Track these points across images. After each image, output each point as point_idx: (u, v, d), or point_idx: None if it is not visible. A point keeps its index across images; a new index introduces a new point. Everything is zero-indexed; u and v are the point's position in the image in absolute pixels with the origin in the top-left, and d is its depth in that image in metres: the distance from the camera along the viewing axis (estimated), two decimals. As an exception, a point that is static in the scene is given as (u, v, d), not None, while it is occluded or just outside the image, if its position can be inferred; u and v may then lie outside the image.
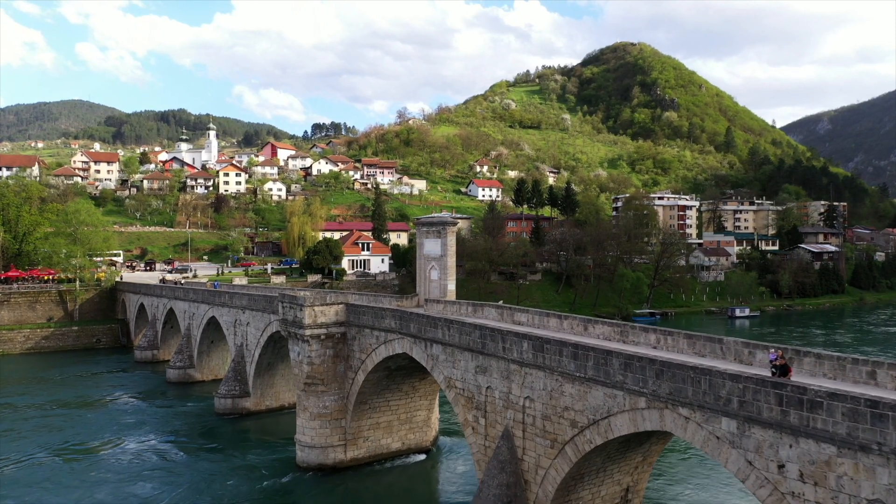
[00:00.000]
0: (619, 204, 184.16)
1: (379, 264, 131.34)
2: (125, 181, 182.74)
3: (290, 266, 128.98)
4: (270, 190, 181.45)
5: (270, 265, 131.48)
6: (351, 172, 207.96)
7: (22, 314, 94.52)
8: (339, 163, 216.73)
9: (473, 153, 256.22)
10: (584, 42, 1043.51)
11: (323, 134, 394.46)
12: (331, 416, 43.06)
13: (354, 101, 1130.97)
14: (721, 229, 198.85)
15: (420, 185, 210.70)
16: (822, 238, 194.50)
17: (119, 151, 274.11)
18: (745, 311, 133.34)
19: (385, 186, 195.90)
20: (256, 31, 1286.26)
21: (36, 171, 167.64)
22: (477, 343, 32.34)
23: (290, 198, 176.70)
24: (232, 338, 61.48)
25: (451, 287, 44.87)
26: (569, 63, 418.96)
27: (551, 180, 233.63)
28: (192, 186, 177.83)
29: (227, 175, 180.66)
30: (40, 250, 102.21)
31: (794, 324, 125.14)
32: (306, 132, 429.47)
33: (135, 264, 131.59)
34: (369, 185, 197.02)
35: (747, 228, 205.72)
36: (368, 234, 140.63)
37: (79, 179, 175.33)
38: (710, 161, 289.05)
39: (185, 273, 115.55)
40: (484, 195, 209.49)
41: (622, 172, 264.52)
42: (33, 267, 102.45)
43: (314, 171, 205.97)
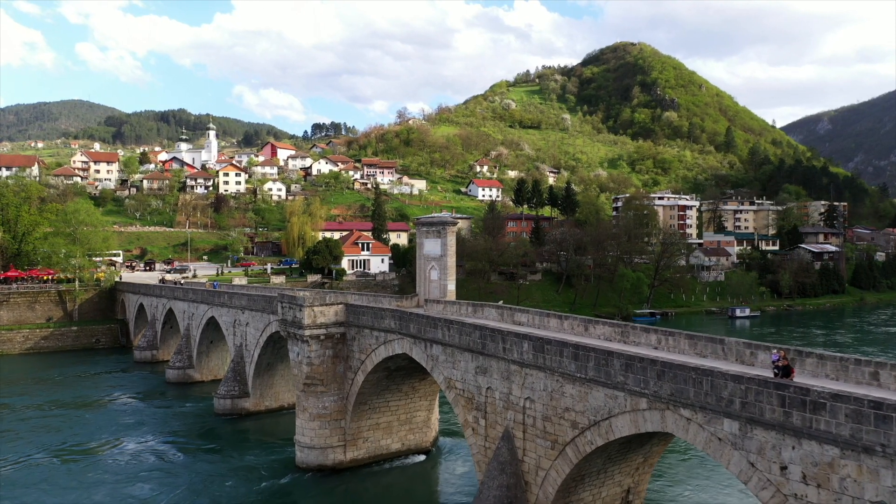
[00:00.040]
0: (620, 204, 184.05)
1: (379, 264, 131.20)
2: (125, 181, 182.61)
3: (290, 266, 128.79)
4: (270, 190, 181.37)
5: (270, 265, 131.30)
6: (351, 172, 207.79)
7: (21, 314, 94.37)
8: (339, 163, 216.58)
9: (473, 153, 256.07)
10: (584, 42, 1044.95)
11: (323, 134, 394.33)
12: (330, 416, 42.90)
13: (354, 101, 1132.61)
14: (721, 229, 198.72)
15: (420, 185, 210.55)
16: (822, 238, 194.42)
17: (119, 151, 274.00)
18: (746, 311, 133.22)
19: (385, 186, 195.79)
20: (256, 31, 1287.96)
21: (35, 171, 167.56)
22: (477, 343, 32.17)
23: (289, 198, 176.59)
24: (231, 338, 61.31)
25: (451, 287, 44.73)
26: (569, 63, 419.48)
27: (551, 180, 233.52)
28: (192, 186, 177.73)
29: (226, 175, 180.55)
30: (40, 250, 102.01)
31: (795, 324, 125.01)
32: (306, 132, 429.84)
33: (134, 264, 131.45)
34: (369, 185, 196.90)
35: (747, 228, 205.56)
36: (368, 234, 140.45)
37: (78, 179, 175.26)
38: (711, 161, 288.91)
39: (183, 273, 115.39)
40: (484, 195, 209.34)
41: (622, 172, 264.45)
42: (33, 267, 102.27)
43: (314, 171, 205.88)
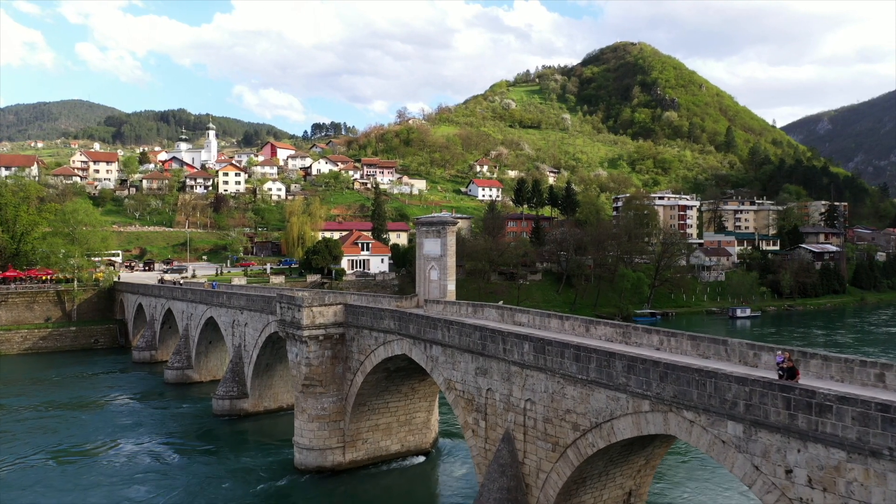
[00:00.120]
0: (620, 204, 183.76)
1: (378, 264, 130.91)
2: (124, 181, 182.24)
3: (290, 266, 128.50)
4: (270, 190, 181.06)
5: (269, 265, 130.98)
6: (351, 172, 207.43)
7: (19, 314, 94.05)
8: (339, 163, 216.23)
9: (473, 153, 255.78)
10: (584, 42, 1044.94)
11: (323, 134, 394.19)
12: (329, 417, 42.59)
13: (354, 101, 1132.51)
14: (722, 229, 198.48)
15: (420, 184, 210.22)
16: (822, 238, 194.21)
17: (119, 151, 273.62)
18: (746, 311, 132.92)
19: (385, 186, 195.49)
20: (256, 31, 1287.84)
21: (35, 170, 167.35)
22: (477, 344, 31.87)
23: (289, 198, 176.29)
24: (230, 338, 61.00)
25: (451, 287, 44.43)
26: (569, 63, 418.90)
27: (551, 180, 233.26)
28: (192, 186, 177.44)
29: (226, 175, 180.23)
30: (38, 250, 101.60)
31: (796, 324, 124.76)
32: (306, 132, 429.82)
33: (133, 264, 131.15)
34: (369, 185, 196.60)
35: (748, 228, 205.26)
36: (368, 234, 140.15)
37: (78, 179, 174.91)
38: (711, 161, 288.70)
39: (182, 273, 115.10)
40: (484, 195, 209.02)
41: (622, 172, 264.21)
42: (31, 267, 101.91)
43: (314, 171, 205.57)
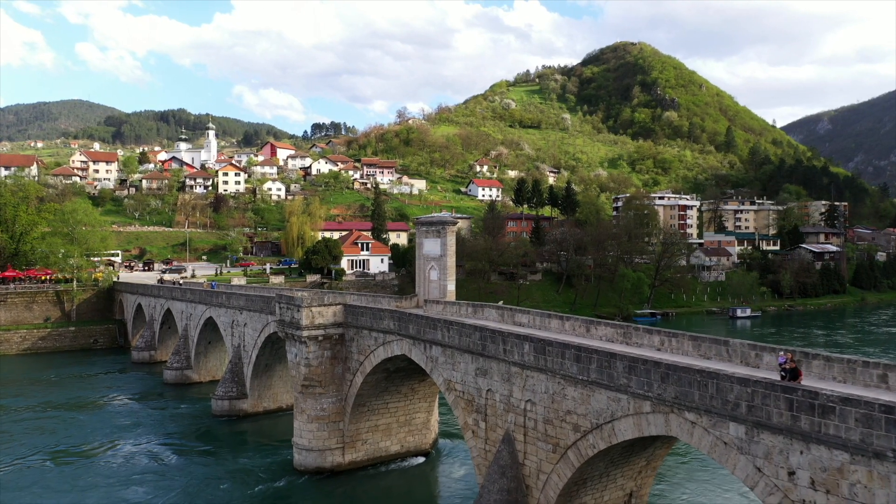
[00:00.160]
0: (620, 204, 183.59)
1: (378, 264, 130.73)
2: (124, 181, 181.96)
3: (289, 266, 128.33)
4: (270, 190, 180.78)
5: (269, 265, 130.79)
6: (350, 172, 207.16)
7: (19, 314, 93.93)
8: (339, 162, 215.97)
9: (473, 153, 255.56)
10: (584, 42, 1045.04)
11: (323, 134, 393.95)
12: (328, 418, 42.42)
13: (354, 101, 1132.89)
14: (722, 229, 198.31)
15: (420, 184, 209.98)
16: (823, 238, 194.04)
17: (119, 151, 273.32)
18: (747, 311, 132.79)
19: (385, 186, 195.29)
20: (256, 31, 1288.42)
21: (34, 170, 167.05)
22: (477, 345, 31.70)
23: (289, 197, 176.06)
24: (229, 339, 60.84)
25: (451, 287, 44.26)
26: (569, 63, 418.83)
27: (551, 180, 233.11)
28: (191, 186, 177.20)
29: (226, 175, 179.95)
30: (37, 250, 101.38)
31: (796, 324, 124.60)
32: (306, 132, 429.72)
33: (133, 264, 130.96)
34: (369, 185, 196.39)
35: (748, 228, 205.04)
36: (368, 233, 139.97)
37: (77, 179, 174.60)
38: (711, 161, 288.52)
39: (181, 273, 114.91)
40: (484, 195, 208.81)
41: (622, 172, 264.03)
42: (30, 267, 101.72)
43: (314, 171, 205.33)
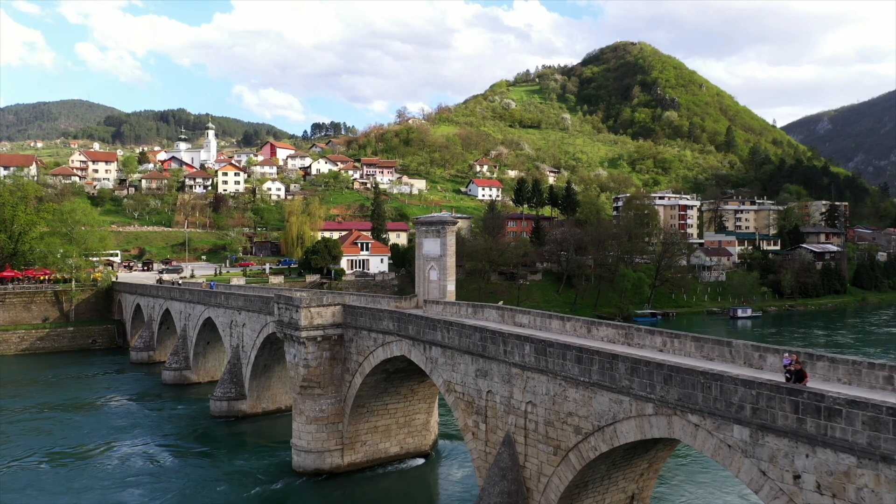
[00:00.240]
0: (620, 204, 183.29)
1: (378, 264, 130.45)
2: (123, 181, 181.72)
3: (289, 266, 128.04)
4: (269, 189, 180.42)
5: (269, 265, 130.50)
6: (350, 172, 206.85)
7: (17, 315, 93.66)
8: (339, 162, 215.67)
9: (473, 153, 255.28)
10: (583, 42, 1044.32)
11: (322, 134, 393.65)
12: (327, 419, 42.11)
13: (354, 101, 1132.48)
14: (722, 229, 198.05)
15: (420, 184, 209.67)
16: (823, 238, 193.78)
17: (118, 151, 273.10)
18: (747, 311, 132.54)
19: (384, 186, 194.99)
20: (256, 31, 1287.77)
21: (34, 170, 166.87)
22: (477, 346, 31.40)
23: (288, 197, 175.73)
24: (228, 339, 60.54)
25: (451, 288, 43.98)
26: (569, 63, 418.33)
27: (551, 180, 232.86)
28: (191, 186, 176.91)
29: (225, 174, 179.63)
30: (36, 250, 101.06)
31: (797, 324, 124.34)
32: (306, 132, 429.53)
33: (132, 264, 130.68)
34: (369, 185, 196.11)
35: (748, 228, 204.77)
36: (367, 233, 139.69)
37: (77, 179, 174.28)
38: (711, 161, 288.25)
39: (179, 273, 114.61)
40: (484, 195, 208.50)
41: (622, 172, 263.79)
42: (29, 267, 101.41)
43: (313, 171, 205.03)
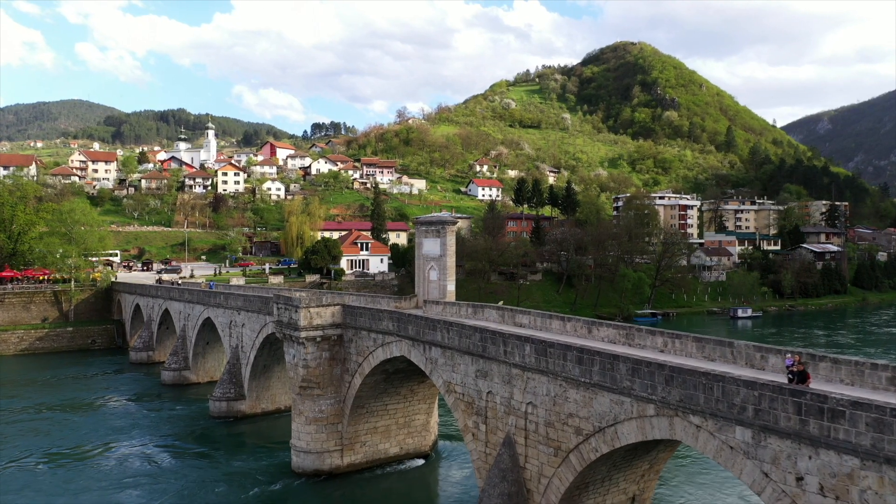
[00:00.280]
0: (620, 203, 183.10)
1: (378, 264, 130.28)
2: (123, 181, 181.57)
3: (289, 266, 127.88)
4: (269, 189, 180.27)
5: (268, 265, 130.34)
6: (350, 172, 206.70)
7: (16, 315, 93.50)
8: (339, 162, 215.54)
9: (473, 153, 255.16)
10: (583, 42, 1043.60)
11: (322, 133, 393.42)
12: (327, 420, 41.94)
13: (354, 101, 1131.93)
14: (722, 229, 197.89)
15: (420, 184, 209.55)
16: (824, 238, 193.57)
17: (118, 151, 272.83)
18: (748, 311, 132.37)
19: (384, 186, 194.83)
20: (256, 31, 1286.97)
21: (33, 170, 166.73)
22: (477, 346, 31.23)
23: (288, 197, 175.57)
24: (227, 339, 60.37)
25: (451, 288, 43.80)
26: (569, 63, 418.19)
27: (551, 180, 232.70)
28: (191, 186, 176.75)
29: (225, 174, 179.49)
30: (35, 250, 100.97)
31: (797, 324, 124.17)
32: (306, 132, 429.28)
33: (132, 264, 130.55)
34: (368, 185, 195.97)
35: (749, 228, 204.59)
36: (367, 233, 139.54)
37: (76, 179, 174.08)
38: (711, 160, 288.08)
39: (179, 273, 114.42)
40: (484, 195, 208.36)
41: (623, 172, 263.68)
42: (28, 267, 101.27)
43: (313, 171, 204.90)
